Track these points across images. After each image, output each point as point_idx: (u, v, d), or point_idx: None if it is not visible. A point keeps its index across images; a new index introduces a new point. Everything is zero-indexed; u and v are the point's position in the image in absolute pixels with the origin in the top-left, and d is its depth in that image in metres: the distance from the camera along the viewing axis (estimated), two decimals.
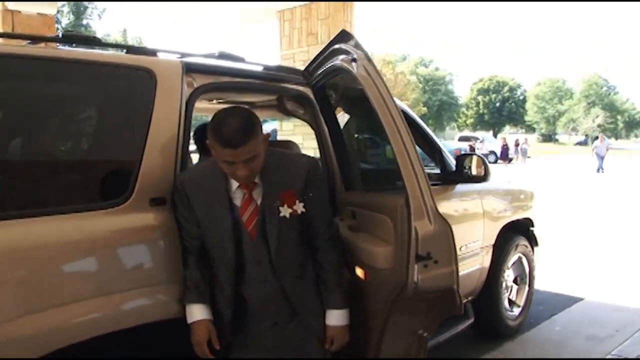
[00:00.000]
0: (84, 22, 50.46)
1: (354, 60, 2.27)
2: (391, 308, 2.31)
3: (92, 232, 2.01)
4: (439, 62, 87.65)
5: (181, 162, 2.29)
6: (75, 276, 1.97)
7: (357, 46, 2.33)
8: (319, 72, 2.81)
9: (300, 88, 3.02)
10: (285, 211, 2.11)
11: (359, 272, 2.49)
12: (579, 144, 64.79)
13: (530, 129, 75.98)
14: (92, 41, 2.35)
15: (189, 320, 2.15)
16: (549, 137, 75.48)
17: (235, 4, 9.02)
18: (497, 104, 77.04)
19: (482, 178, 3.80)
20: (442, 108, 74.32)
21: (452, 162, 3.93)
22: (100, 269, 2.03)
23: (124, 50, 2.48)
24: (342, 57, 2.45)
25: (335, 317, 2.27)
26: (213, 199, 2.14)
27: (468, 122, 77.45)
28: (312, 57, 2.88)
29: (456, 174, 3.85)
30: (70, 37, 2.28)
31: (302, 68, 3.08)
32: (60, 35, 2.26)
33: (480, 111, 76.95)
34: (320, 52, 2.71)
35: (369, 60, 2.23)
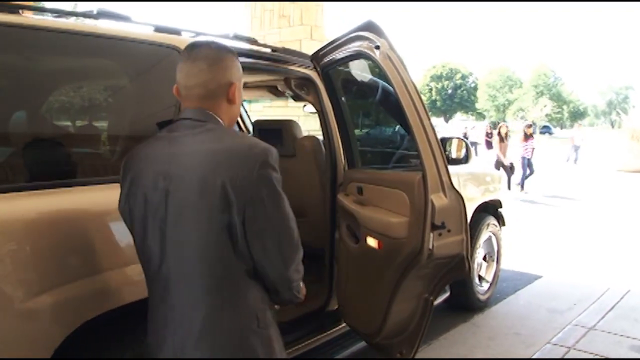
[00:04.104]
0: None
1: (377, 47, 2.45)
2: (403, 274, 2.52)
3: None
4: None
5: None
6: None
7: (381, 35, 2.48)
8: (331, 57, 2.96)
9: (306, 71, 3.17)
10: None
11: (372, 241, 2.69)
12: None
13: (480, 116, 77.43)
14: (122, 18, 2.44)
15: None
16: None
17: None
18: (449, 91, 78.06)
19: (464, 160, 4.06)
20: None
21: None
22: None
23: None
24: (360, 43, 2.60)
25: None
26: None
27: None
28: (282, 39, 3.02)
29: None
30: (103, 14, 2.37)
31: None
32: (95, 12, 2.34)
33: (433, 97, 77.77)
34: (337, 38, 2.86)
35: (392, 48, 2.40)
